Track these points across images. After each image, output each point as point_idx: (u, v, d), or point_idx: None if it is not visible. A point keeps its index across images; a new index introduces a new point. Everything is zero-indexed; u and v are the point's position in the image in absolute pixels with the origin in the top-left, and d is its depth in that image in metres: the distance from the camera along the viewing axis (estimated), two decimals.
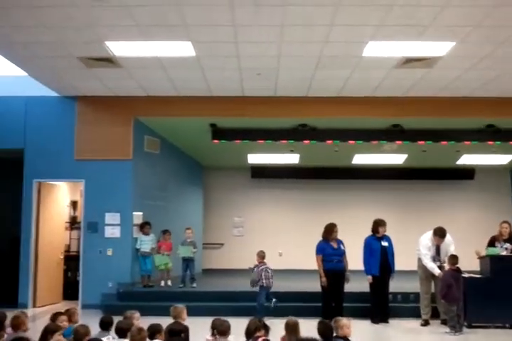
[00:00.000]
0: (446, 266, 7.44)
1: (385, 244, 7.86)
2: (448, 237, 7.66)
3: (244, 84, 8.45)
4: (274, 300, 7.77)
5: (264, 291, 7.87)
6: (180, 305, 5.15)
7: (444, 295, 7.09)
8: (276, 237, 13.33)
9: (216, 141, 9.71)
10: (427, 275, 7.66)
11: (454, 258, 7.27)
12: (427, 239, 7.71)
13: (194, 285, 9.09)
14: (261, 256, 8.20)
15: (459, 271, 7.26)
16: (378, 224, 7.95)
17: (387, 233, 8.01)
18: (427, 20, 5.93)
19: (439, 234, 7.59)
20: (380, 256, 7.75)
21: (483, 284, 7.47)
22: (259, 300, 7.80)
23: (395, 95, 8.94)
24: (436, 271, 7.45)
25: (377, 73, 7.80)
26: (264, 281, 7.85)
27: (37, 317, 7.99)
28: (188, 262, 9.16)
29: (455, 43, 6.58)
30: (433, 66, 7.45)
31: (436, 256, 7.64)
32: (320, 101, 9.02)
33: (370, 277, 7.72)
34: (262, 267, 7.98)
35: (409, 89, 8.64)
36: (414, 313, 7.79)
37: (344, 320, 4.38)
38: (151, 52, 6.97)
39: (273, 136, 9.69)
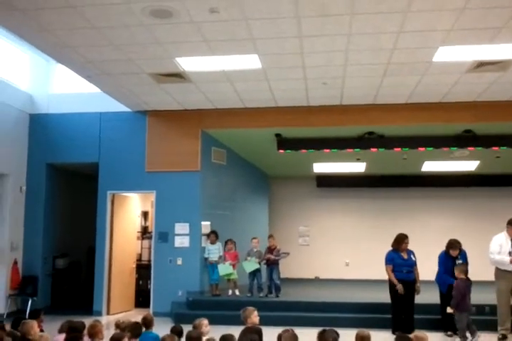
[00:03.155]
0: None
1: (459, 262, 7.59)
2: None
3: (309, 94, 8.43)
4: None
5: None
6: (250, 307, 5.20)
7: (458, 305, 6.94)
8: (342, 246, 13.18)
9: (282, 150, 9.72)
10: (506, 286, 7.29)
11: (465, 267, 7.24)
12: (497, 237, 7.42)
13: (261, 294, 9.11)
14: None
15: (469, 280, 7.19)
16: (450, 246, 7.63)
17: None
18: (500, 22, 5.70)
19: None
20: (451, 275, 7.47)
21: None
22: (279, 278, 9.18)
23: (467, 100, 8.63)
24: (506, 261, 7.12)
25: (447, 78, 7.57)
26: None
27: (110, 325, 8.26)
28: (255, 272, 9.19)
29: None
30: (507, 69, 7.14)
31: None
32: (388, 108, 8.85)
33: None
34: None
35: (481, 94, 8.33)
36: (491, 326, 7.42)
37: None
38: (219, 66, 7.10)
39: (339, 144, 9.59)
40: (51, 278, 10.08)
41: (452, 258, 7.60)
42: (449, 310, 7.10)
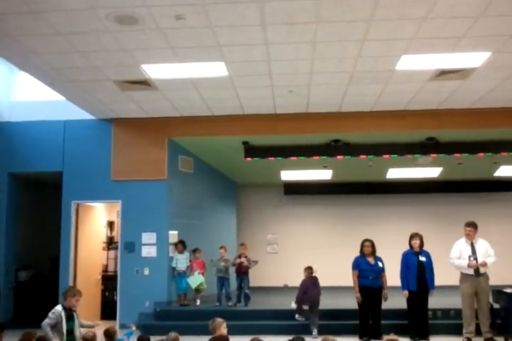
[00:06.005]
0: (482, 269, 7.34)
1: (422, 258, 7.69)
2: (484, 241, 7.56)
3: (276, 102, 8.48)
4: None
5: None
6: (219, 318, 5.12)
7: (301, 300, 7.95)
8: (311, 254, 13.16)
9: (249, 158, 9.72)
10: (469, 290, 7.45)
11: (309, 269, 8.40)
12: (458, 242, 7.64)
13: (230, 303, 9.07)
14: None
15: (315, 277, 8.34)
16: (410, 237, 7.85)
17: (425, 248, 7.85)
18: (461, 32, 5.87)
19: (469, 223, 7.53)
20: (416, 271, 7.59)
21: None
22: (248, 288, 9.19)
23: (429, 108, 8.84)
24: (464, 265, 7.33)
25: (410, 86, 7.74)
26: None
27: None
28: (223, 280, 9.16)
29: (490, 53, 6.49)
30: (467, 77, 7.35)
31: (473, 255, 7.39)
32: (353, 116, 8.98)
33: (406, 292, 7.57)
34: None
35: (443, 102, 8.54)
36: (456, 330, 7.56)
37: None
38: (185, 74, 7.08)
39: (306, 152, 9.66)
40: (13, 291, 9.77)
41: (416, 255, 7.70)
42: (292, 304, 8.08)
